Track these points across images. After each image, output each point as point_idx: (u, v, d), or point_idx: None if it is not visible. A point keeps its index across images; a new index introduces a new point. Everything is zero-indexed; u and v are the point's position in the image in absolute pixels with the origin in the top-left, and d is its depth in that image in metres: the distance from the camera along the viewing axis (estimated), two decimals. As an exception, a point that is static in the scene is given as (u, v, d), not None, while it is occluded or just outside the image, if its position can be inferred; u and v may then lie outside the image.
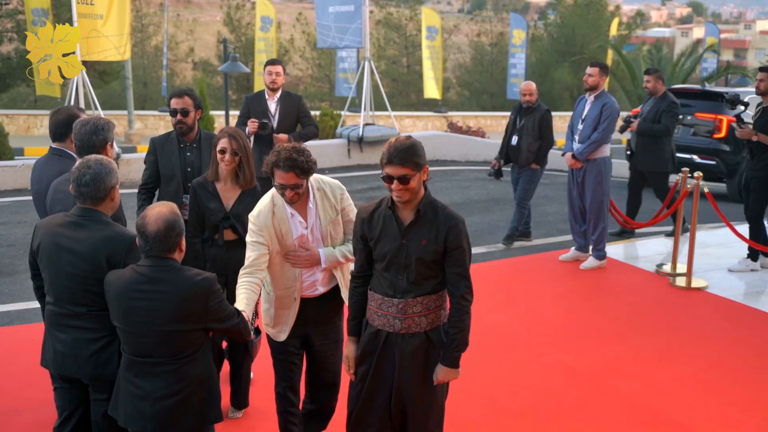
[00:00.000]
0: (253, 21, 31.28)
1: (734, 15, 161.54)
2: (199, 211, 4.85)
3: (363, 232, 3.79)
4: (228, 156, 4.70)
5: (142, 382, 3.47)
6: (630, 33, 37.34)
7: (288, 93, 7.90)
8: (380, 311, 3.78)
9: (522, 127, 8.92)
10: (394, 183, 3.59)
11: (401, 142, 3.63)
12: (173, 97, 5.53)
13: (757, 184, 7.71)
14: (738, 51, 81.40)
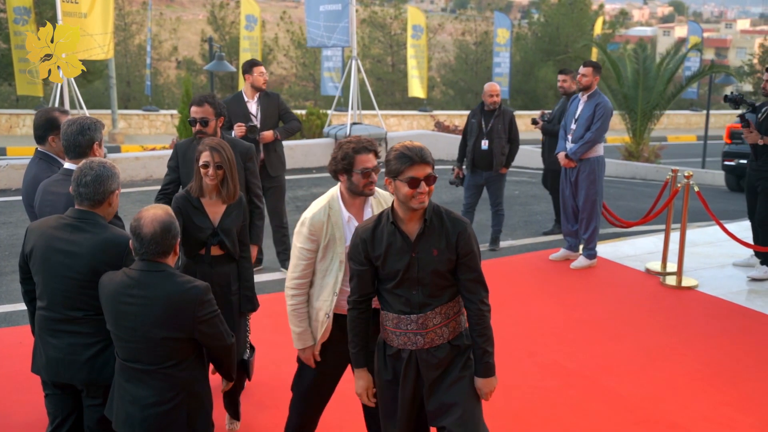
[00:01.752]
0: (237, 20, 31.15)
1: (715, 14, 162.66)
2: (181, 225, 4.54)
3: (366, 252, 3.57)
4: (211, 170, 4.44)
5: (131, 387, 3.42)
6: (614, 32, 37.46)
7: (266, 93, 7.82)
8: (398, 330, 3.60)
9: (491, 131, 8.70)
10: (420, 185, 3.44)
11: (411, 144, 3.52)
12: (193, 105, 5.37)
13: (766, 186, 7.56)
14: (719, 50, 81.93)
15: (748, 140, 7.64)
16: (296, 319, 4.06)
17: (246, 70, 7.71)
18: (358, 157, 3.88)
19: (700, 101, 32.39)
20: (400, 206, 3.53)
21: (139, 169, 12.84)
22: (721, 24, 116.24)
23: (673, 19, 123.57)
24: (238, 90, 21.25)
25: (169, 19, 44.19)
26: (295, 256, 4.01)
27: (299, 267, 3.99)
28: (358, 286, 3.64)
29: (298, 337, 4.08)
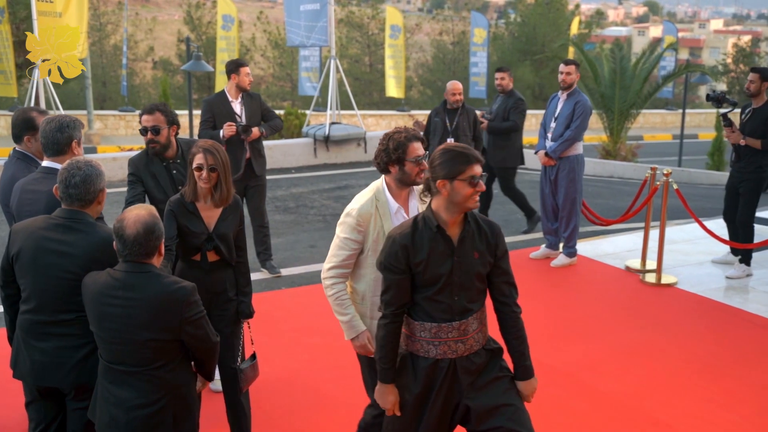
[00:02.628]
0: (213, 20, 31.00)
1: (689, 14, 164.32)
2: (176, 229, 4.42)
3: (407, 259, 3.41)
4: (205, 173, 4.30)
5: (116, 389, 3.36)
6: (590, 32, 37.69)
7: (248, 93, 7.78)
8: (437, 340, 3.47)
9: (456, 129, 8.67)
10: (479, 184, 3.39)
11: (455, 144, 3.50)
12: (144, 114, 5.11)
13: (748, 188, 7.59)
14: (693, 50, 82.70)
15: (731, 140, 7.66)
16: (341, 308, 4.00)
17: (232, 70, 7.65)
18: (410, 145, 3.90)
19: (675, 100, 32.65)
20: (448, 208, 3.42)
21: (116, 169, 12.72)
22: (695, 24, 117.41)
23: (647, 19, 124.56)
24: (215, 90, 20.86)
25: (145, 19, 43.88)
26: (337, 246, 3.98)
27: (340, 257, 3.96)
28: (396, 296, 3.46)
29: (348, 325, 4.01)
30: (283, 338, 6.26)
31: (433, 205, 3.47)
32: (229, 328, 4.49)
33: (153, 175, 5.13)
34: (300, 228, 9.99)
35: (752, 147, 7.49)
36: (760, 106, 7.53)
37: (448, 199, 3.40)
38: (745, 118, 7.67)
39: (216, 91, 24.73)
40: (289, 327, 6.51)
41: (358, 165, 14.64)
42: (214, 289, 4.44)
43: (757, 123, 7.50)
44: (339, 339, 6.33)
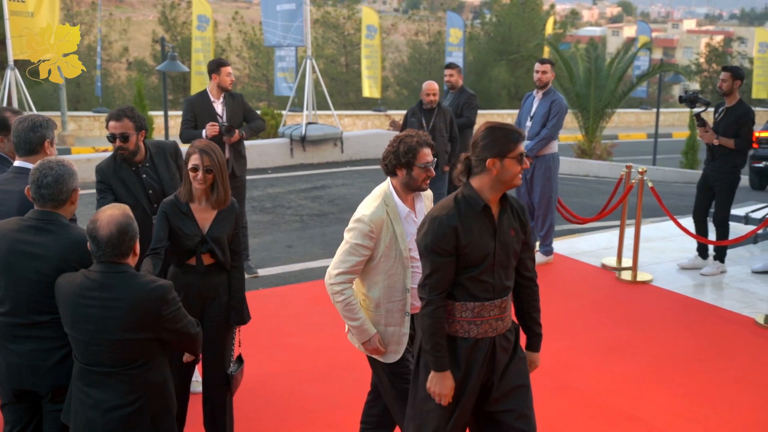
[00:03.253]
0: (188, 20, 30.84)
1: (662, 14, 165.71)
2: (168, 232, 4.31)
3: (456, 241, 3.39)
4: (201, 174, 4.21)
5: (93, 391, 3.33)
6: (564, 32, 37.90)
7: (230, 93, 7.74)
8: (480, 319, 3.48)
9: (433, 129, 8.52)
10: (524, 161, 3.44)
11: (497, 122, 3.51)
12: (111, 120, 4.89)
13: (723, 186, 7.63)
14: (667, 50, 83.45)
15: (704, 140, 7.69)
16: (352, 313, 3.95)
17: (213, 70, 7.60)
18: (421, 151, 3.87)
19: (649, 100, 32.90)
20: (494, 187, 3.44)
21: (91, 170, 12.52)
22: (668, 24, 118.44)
23: (621, 19, 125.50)
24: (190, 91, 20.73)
25: (119, 19, 43.51)
26: (346, 251, 3.91)
27: (349, 263, 3.90)
28: (443, 279, 3.43)
29: (360, 330, 3.97)
30: (260, 339, 6.23)
31: (476, 184, 3.46)
32: (220, 334, 4.42)
33: (122, 181, 4.98)
34: (277, 228, 9.96)
35: (726, 146, 7.52)
36: (733, 105, 7.58)
37: (495, 178, 3.42)
38: (718, 117, 7.71)
39: (191, 91, 24.64)
40: (266, 327, 6.48)
41: (334, 165, 14.62)
42: (207, 294, 4.35)
43: (730, 122, 7.54)
44: (316, 340, 6.34)
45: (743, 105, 7.58)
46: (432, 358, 3.47)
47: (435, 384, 3.49)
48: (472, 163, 3.49)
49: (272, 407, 5.23)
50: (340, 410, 5.19)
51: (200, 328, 3.58)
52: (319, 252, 8.92)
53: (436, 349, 3.46)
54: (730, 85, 7.55)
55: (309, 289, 7.56)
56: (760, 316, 6.78)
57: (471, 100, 9.30)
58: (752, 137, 7.54)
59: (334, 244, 9.16)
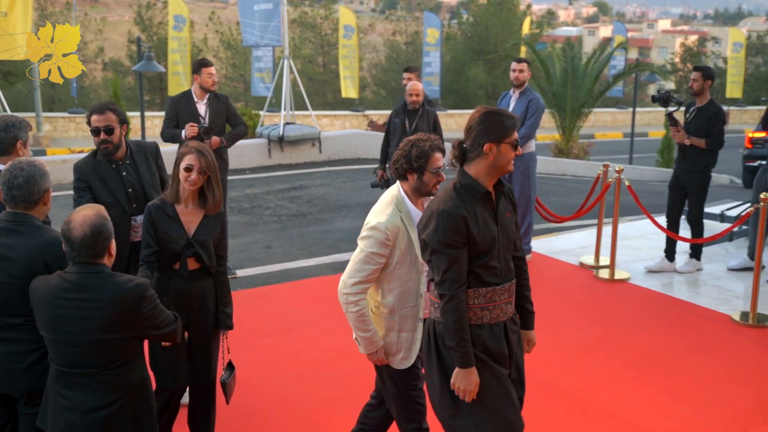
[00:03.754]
0: (164, 20, 30.66)
1: (637, 14, 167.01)
2: (155, 237, 4.21)
3: (468, 230, 3.38)
4: (195, 175, 4.11)
5: (72, 393, 3.30)
6: (541, 32, 38.08)
7: (215, 94, 7.70)
8: (491, 304, 3.48)
9: (416, 130, 8.27)
10: (517, 148, 3.47)
11: (493, 107, 3.54)
12: (93, 114, 4.83)
13: (695, 187, 7.65)
14: (642, 49, 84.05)
15: (676, 140, 7.71)
16: (365, 324, 3.89)
17: (194, 70, 7.59)
18: (433, 156, 3.83)
19: (625, 99, 33.13)
20: (490, 173, 3.45)
21: (66, 171, 12.49)
22: (644, 24, 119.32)
23: (597, 19, 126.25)
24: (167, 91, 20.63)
25: (94, 19, 43.15)
26: (361, 260, 3.84)
27: (365, 272, 3.83)
28: (460, 271, 3.41)
29: (370, 341, 3.91)
30: (239, 340, 6.19)
31: (472, 171, 3.46)
32: (207, 342, 4.37)
33: (101, 178, 4.89)
34: (255, 229, 9.93)
35: (697, 146, 7.54)
36: (704, 105, 7.61)
37: (492, 163, 3.43)
38: (689, 117, 7.73)
39: (168, 92, 24.50)
40: (245, 329, 6.45)
41: (312, 165, 14.59)
42: (192, 300, 4.27)
43: (701, 122, 7.57)
44: (295, 340, 6.33)
45: (714, 105, 7.62)
46: (459, 355, 3.42)
47: (461, 380, 3.45)
48: (467, 148, 3.48)
49: (251, 408, 5.21)
50: (321, 410, 5.18)
51: (179, 320, 3.56)
52: (298, 252, 8.89)
53: (462, 345, 3.42)
54: (701, 85, 7.57)
55: (288, 290, 7.54)
56: (736, 313, 6.84)
57: (430, 103, 9.19)
58: (723, 137, 7.58)
59: (313, 244, 9.21)
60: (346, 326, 6.64)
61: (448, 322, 3.42)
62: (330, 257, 8.69)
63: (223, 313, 4.41)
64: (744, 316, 6.74)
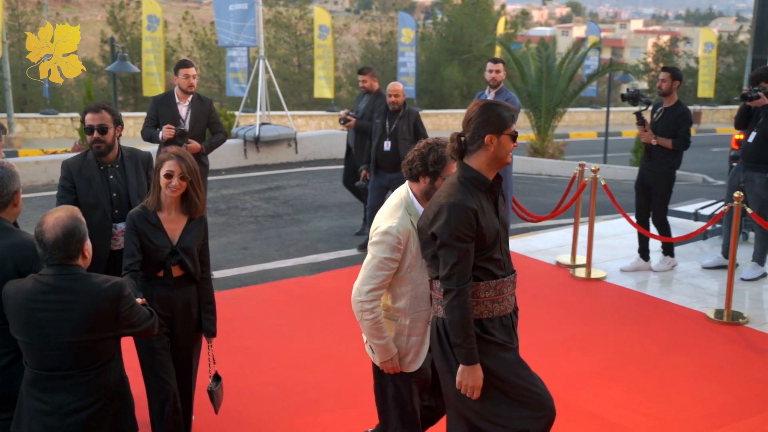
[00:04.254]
0: (138, 20, 30.44)
1: (610, 15, 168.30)
2: (139, 245, 4.15)
3: (478, 225, 3.37)
4: (176, 181, 4.06)
5: (49, 397, 3.26)
6: (515, 32, 38.25)
7: (199, 97, 7.62)
8: (500, 296, 3.49)
9: (395, 131, 8.29)
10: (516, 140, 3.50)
11: (492, 100, 3.55)
12: (88, 112, 4.81)
13: (660, 188, 7.68)
14: (615, 49, 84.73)
15: (643, 139, 7.74)
16: (379, 332, 3.83)
17: (174, 71, 7.56)
18: (451, 163, 3.78)
19: (599, 99, 33.35)
20: (491, 165, 3.46)
21: (40, 173, 12.39)
22: (616, 24, 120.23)
23: (570, 19, 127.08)
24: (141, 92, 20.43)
25: (66, 19, 42.79)
26: (374, 266, 3.77)
27: (379, 278, 3.77)
28: (468, 265, 3.40)
29: (385, 348, 3.85)
30: (216, 342, 6.15)
31: (474, 163, 3.46)
32: (189, 351, 4.33)
33: (87, 179, 4.82)
34: (232, 230, 9.88)
35: (664, 146, 7.57)
36: (671, 106, 7.64)
37: (493, 155, 3.44)
38: (656, 117, 7.74)
39: (142, 92, 24.35)
40: (222, 330, 6.37)
41: (289, 166, 14.55)
42: (176, 307, 4.24)
43: (668, 122, 7.59)
44: (273, 342, 6.31)
45: (681, 105, 7.66)
46: (465, 352, 3.41)
47: (467, 377, 3.43)
48: (467, 141, 3.47)
49: (230, 409, 5.17)
50: (301, 412, 5.17)
51: (154, 315, 3.53)
52: (275, 253, 8.86)
53: (469, 342, 3.40)
54: (669, 85, 7.59)
55: (265, 291, 7.51)
56: (710, 311, 6.91)
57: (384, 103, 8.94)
58: (690, 137, 7.62)
59: (290, 245, 9.18)
60: (324, 327, 6.65)
61: (454, 318, 3.40)
62: (307, 258, 8.67)
63: (207, 320, 4.37)
64: (719, 314, 6.81)
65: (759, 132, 7.48)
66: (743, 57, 36.08)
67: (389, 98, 8.35)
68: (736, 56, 40.11)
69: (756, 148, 7.51)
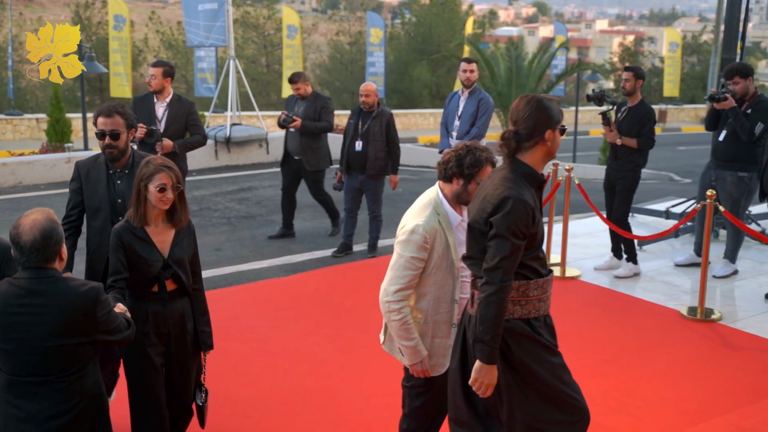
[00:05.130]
0: (104, 20, 30.12)
1: (575, 15, 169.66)
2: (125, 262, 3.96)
3: (533, 224, 3.32)
4: (170, 193, 3.90)
5: (25, 403, 3.21)
6: (484, 32, 38.43)
7: (179, 98, 7.55)
8: (545, 295, 3.45)
9: (367, 132, 8.20)
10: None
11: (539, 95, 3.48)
12: (100, 116, 4.63)
13: (624, 186, 7.69)
14: (581, 49, 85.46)
15: (608, 139, 7.76)
16: (408, 333, 3.79)
17: None
18: (486, 168, 3.74)
19: (566, 98, 33.62)
20: (543, 160, 3.42)
21: (7, 175, 12.19)
22: (582, 24, 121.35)
23: (537, 19, 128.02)
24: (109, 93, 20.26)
25: (30, 19, 42.21)
26: (401, 266, 3.75)
27: (406, 278, 3.74)
28: (515, 263, 3.31)
29: (414, 350, 3.81)
30: (193, 345, 6.12)
31: (528, 159, 3.40)
32: (188, 366, 4.19)
33: (94, 182, 4.68)
34: (204, 231, 9.79)
35: (629, 146, 7.59)
36: (635, 105, 7.67)
37: (548, 150, 3.40)
38: (621, 116, 7.76)
39: (110, 93, 24.08)
40: (199, 333, 6.36)
41: (260, 166, 14.48)
42: (172, 323, 4.08)
43: (632, 122, 7.62)
44: (248, 343, 6.26)
45: (645, 105, 7.69)
46: (489, 350, 3.32)
47: (485, 375, 3.36)
48: (522, 136, 3.38)
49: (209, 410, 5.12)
50: (278, 413, 5.13)
51: (132, 326, 3.48)
52: (249, 254, 8.80)
53: (495, 341, 3.32)
54: (633, 85, 7.61)
55: (240, 293, 7.46)
56: (684, 308, 6.98)
57: (328, 104, 9.00)
58: (654, 136, 7.66)
59: (264, 246, 9.13)
60: (299, 328, 6.62)
61: (488, 314, 3.30)
62: (282, 259, 8.63)
63: (204, 333, 4.24)
64: (692, 311, 6.87)
65: (729, 131, 7.56)
66: (707, 57, 36.59)
67: (360, 98, 8.31)
68: (700, 56, 40.68)
69: (727, 147, 7.59)
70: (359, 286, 7.66)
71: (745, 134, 7.31)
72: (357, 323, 6.64)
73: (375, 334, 6.36)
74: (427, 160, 16.09)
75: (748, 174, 7.48)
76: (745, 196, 7.58)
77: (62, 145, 14.05)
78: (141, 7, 61.76)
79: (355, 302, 7.17)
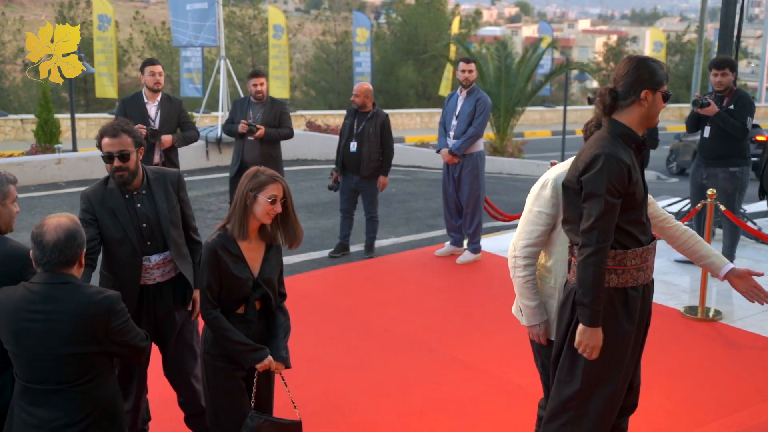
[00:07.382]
0: (88, 20, 29.89)
1: (558, 14, 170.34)
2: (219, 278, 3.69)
3: (629, 182, 3.23)
4: (279, 206, 3.66)
5: (37, 410, 3.16)
6: (469, 31, 38.47)
7: (168, 96, 7.54)
8: (644, 264, 3.35)
9: (361, 133, 8.19)
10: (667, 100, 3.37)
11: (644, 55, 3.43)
12: (105, 137, 4.12)
13: None
14: (564, 49, 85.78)
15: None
16: (530, 292, 3.70)
17: (140, 70, 7.49)
18: None
19: (552, 98, 33.72)
20: (641, 123, 3.34)
21: (-7, 178, 12.03)
22: (564, 24, 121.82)
23: (519, 19, 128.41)
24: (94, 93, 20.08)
25: (11, 19, 41.82)
26: (530, 220, 3.65)
27: (535, 233, 3.63)
28: (612, 224, 3.22)
29: (534, 311, 3.72)
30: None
31: (625, 119, 3.33)
32: (266, 387, 4.01)
33: (111, 211, 4.15)
34: (198, 233, 9.71)
35: None
36: None
37: (645, 112, 3.33)
38: None
39: (95, 93, 23.91)
40: (200, 336, 6.30)
41: (251, 167, 14.38)
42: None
43: None
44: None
45: None
46: (590, 312, 3.25)
47: (589, 338, 3.30)
48: (618, 95, 3.33)
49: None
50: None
51: (149, 341, 3.43)
52: (245, 256, 8.73)
53: (596, 303, 3.24)
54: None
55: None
56: (684, 307, 6.99)
57: (286, 109, 8.68)
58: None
59: (261, 247, 9.03)
60: (297, 329, 6.53)
61: (587, 276, 3.22)
62: (278, 260, 8.56)
63: (285, 350, 3.90)
64: (692, 310, 6.89)
65: (713, 128, 7.58)
66: (691, 56, 36.85)
67: (352, 97, 8.32)
68: (683, 55, 40.92)
69: (714, 144, 7.62)
70: (356, 286, 7.64)
71: (740, 133, 7.36)
72: (355, 324, 6.61)
73: (373, 334, 6.35)
74: (419, 160, 16.09)
75: (740, 168, 7.53)
76: (739, 190, 7.63)
77: (51, 146, 13.92)
78: (122, 7, 61.36)
79: (352, 303, 7.15)
